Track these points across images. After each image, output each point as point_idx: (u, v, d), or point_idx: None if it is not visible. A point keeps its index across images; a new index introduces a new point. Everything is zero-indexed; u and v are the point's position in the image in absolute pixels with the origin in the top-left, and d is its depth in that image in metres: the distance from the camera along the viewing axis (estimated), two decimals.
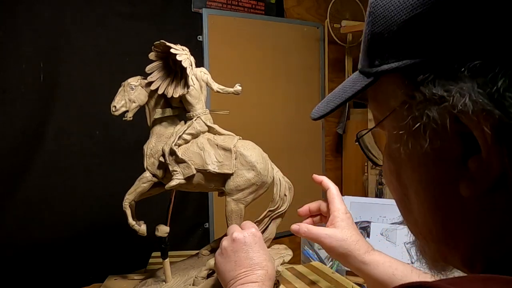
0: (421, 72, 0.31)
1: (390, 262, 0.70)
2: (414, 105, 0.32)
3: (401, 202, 0.38)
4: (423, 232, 0.37)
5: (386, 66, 0.33)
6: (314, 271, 1.04)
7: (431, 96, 0.30)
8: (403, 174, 0.36)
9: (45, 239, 1.31)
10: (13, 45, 1.26)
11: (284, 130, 1.96)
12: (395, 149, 0.35)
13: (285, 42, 1.93)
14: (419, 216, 0.36)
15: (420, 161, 0.33)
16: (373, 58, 0.35)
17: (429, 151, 0.31)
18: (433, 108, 0.30)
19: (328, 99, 0.43)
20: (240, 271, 0.66)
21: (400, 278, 0.68)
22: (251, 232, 0.71)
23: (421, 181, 0.34)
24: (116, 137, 1.44)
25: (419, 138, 0.32)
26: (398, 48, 0.32)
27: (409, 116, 0.32)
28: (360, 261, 0.70)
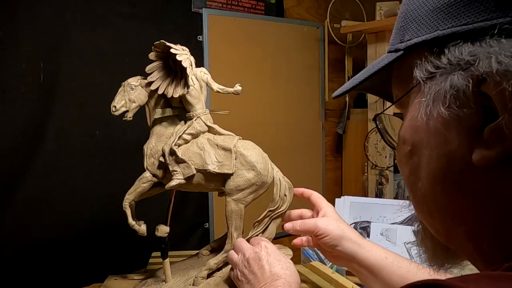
0: (450, 41, 0.32)
1: (382, 248, 0.73)
2: (439, 73, 0.32)
3: (411, 175, 0.38)
4: (431, 206, 0.37)
5: (416, 40, 0.35)
6: (314, 271, 1.04)
7: (457, 62, 0.31)
8: (417, 144, 0.36)
9: (45, 239, 1.31)
10: (13, 45, 1.26)
11: (284, 130, 1.96)
12: (412, 118, 0.36)
13: (285, 42, 1.93)
14: (427, 188, 0.36)
15: (436, 127, 0.33)
16: (404, 34, 0.37)
17: (447, 116, 0.32)
18: (458, 74, 0.31)
19: (352, 79, 0.44)
20: (259, 287, 0.66)
21: (391, 261, 0.71)
22: (262, 246, 0.72)
23: (434, 149, 0.34)
24: (116, 137, 1.43)
25: (439, 103, 0.32)
26: (430, 22, 0.34)
27: (434, 84, 0.33)
28: (356, 242, 0.73)
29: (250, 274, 0.69)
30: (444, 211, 0.36)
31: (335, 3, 2.04)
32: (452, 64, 0.31)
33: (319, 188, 2.13)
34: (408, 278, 0.68)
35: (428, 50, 0.34)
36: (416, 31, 0.35)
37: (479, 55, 0.30)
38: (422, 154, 0.36)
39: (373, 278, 0.71)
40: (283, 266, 0.68)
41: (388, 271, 0.70)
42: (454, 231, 0.36)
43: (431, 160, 0.35)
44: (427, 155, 0.35)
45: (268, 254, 0.70)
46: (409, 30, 0.36)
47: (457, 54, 0.31)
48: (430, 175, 0.35)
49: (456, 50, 0.31)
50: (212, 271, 0.85)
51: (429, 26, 0.34)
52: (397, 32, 0.38)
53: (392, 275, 0.69)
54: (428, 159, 0.35)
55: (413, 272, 0.69)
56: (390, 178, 1.92)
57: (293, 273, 0.68)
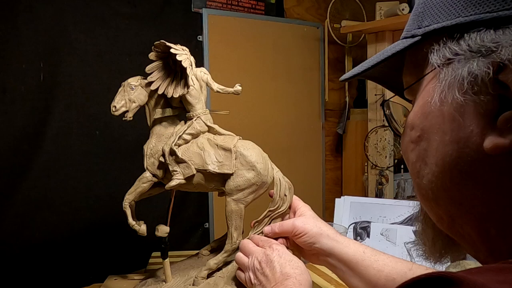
0: (472, 28, 0.31)
1: (359, 243, 0.75)
2: (457, 59, 0.32)
3: (418, 161, 0.38)
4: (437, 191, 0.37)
5: (436, 25, 0.34)
6: (314, 271, 1.04)
7: (478, 49, 0.31)
8: (427, 129, 0.36)
9: (45, 239, 1.31)
10: (13, 45, 1.26)
11: (284, 130, 1.96)
12: (424, 103, 0.36)
13: (285, 42, 1.93)
14: (435, 174, 0.36)
15: (450, 113, 0.33)
16: (423, 20, 0.36)
17: (462, 102, 0.32)
18: (478, 60, 0.31)
19: (363, 63, 0.43)
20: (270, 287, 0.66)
21: (369, 255, 0.72)
22: (273, 248, 0.72)
23: (445, 135, 0.34)
24: (116, 137, 1.43)
25: (455, 89, 0.32)
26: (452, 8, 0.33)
27: (451, 70, 0.33)
28: (333, 238, 0.74)
29: (262, 276, 0.69)
30: (450, 198, 0.36)
31: (335, 3, 2.04)
32: (472, 51, 0.31)
33: (319, 188, 2.13)
34: (384, 271, 0.69)
35: (447, 36, 0.34)
36: (436, 17, 0.35)
37: (502, 42, 0.30)
38: (432, 140, 0.36)
39: (351, 273, 0.72)
40: (293, 266, 0.68)
41: (365, 265, 0.70)
42: (459, 219, 0.36)
43: (442, 145, 0.35)
44: (437, 141, 0.35)
45: (280, 256, 0.70)
46: (428, 16, 0.36)
47: (479, 40, 0.31)
48: (439, 160, 0.35)
49: (478, 37, 0.31)
50: (212, 271, 0.85)
51: (450, 12, 0.33)
52: (414, 18, 0.38)
53: (369, 268, 0.70)
54: (438, 145, 0.35)
55: (390, 265, 0.69)
56: (390, 178, 1.92)
57: (304, 272, 0.68)
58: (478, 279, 0.26)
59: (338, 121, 2.19)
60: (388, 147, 1.89)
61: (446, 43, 0.33)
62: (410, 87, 0.39)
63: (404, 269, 0.68)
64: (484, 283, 0.25)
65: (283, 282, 0.65)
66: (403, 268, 0.69)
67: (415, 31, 0.37)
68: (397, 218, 1.35)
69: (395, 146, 1.89)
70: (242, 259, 0.76)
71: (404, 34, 0.39)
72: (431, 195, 0.38)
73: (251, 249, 0.75)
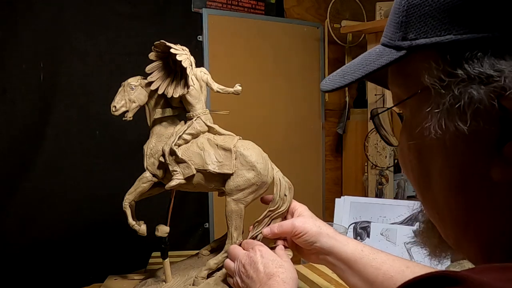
0: (467, 49, 0.29)
1: (358, 242, 0.75)
2: (453, 83, 0.30)
3: (419, 181, 0.37)
4: (443, 213, 0.36)
5: (424, 41, 0.32)
6: (314, 271, 1.04)
7: (476, 75, 0.29)
8: (427, 152, 0.35)
9: (45, 239, 1.31)
10: (13, 45, 1.26)
11: (284, 130, 1.95)
12: (422, 128, 0.33)
13: (285, 42, 1.93)
14: (440, 197, 0.35)
15: (452, 141, 0.32)
16: (407, 31, 0.33)
17: (465, 131, 0.30)
18: (479, 88, 0.29)
19: (344, 71, 0.40)
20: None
21: (367, 253, 0.72)
22: (256, 250, 0.72)
23: (449, 161, 0.33)
24: (116, 137, 1.43)
25: (456, 118, 0.30)
26: (441, 22, 0.31)
27: (448, 95, 0.31)
28: (332, 237, 0.74)
29: (247, 279, 0.69)
30: (457, 222, 0.35)
31: (335, 3, 2.04)
32: (470, 76, 0.29)
33: (319, 188, 2.13)
34: (382, 269, 0.69)
35: (438, 54, 0.31)
36: (423, 30, 0.32)
37: (504, 70, 0.28)
38: (433, 164, 0.34)
39: (350, 271, 0.72)
40: (276, 265, 0.68)
41: (364, 263, 0.71)
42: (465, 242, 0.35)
43: (446, 173, 0.33)
44: (440, 166, 0.34)
45: (262, 257, 0.70)
46: (414, 27, 0.33)
47: (477, 66, 0.29)
48: (444, 187, 0.34)
49: (476, 61, 0.29)
50: (212, 271, 0.85)
51: (440, 26, 0.31)
52: (397, 26, 0.34)
53: (368, 266, 0.70)
54: (441, 172, 0.34)
55: (388, 263, 0.70)
56: (390, 178, 1.92)
57: (288, 270, 0.68)
58: (482, 278, 0.26)
59: (338, 121, 2.19)
60: (388, 147, 1.89)
61: (438, 62, 0.31)
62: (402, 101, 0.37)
63: (401, 266, 0.69)
64: (488, 281, 0.25)
65: (267, 282, 0.65)
66: (400, 266, 0.69)
67: (399, 43, 0.34)
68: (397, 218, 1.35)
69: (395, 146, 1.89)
70: (229, 265, 0.77)
71: (386, 41, 0.36)
72: (437, 216, 0.37)
73: (236, 253, 0.76)
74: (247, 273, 0.70)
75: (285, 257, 0.73)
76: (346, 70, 0.40)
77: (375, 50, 0.38)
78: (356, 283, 0.72)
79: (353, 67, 0.40)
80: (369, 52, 0.39)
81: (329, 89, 0.41)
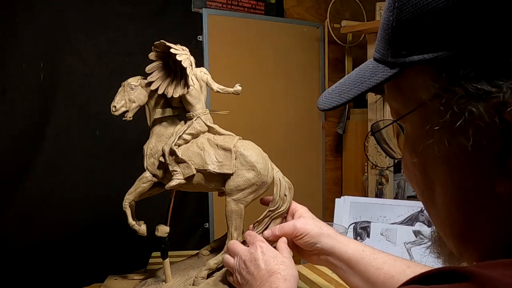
0: (462, 66, 0.29)
1: (358, 242, 0.76)
2: (451, 100, 0.30)
3: (424, 194, 0.37)
4: (444, 225, 0.36)
5: (417, 57, 0.31)
6: (314, 271, 1.04)
7: (475, 92, 0.29)
8: (431, 167, 0.35)
9: (45, 239, 1.31)
10: (13, 45, 1.26)
11: (284, 130, 1.95)
12: (426, 145, 0.33)
13: (285, 42, 1.93)
14: (443, 210, 0.35)
15: (455, 157, 0.32)
16: (399, 48, 0.33)
17: (467, 147, 0.30)
18: (478, 105, 0.29)
19: (340, 90, 0.40)
20: (255, 286, 0.67)
21: (368, 254, 0.72)
22: (257, 246, 0.72)
23: (452, 175, 0.33)
24: (116, 137, 1.43)
25: (459, 135, 0.30)
26: (433, 38, 0.30)
27: (447, 112, 0.30)
28: (334, 238, 0.75)
29: (248, 275, 0.69)
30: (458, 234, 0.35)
31: (335, 3, 2.04)
32: (469, 93, 0.29)
33: (319, 188, 2.13)
34: (383, 268, 0.69)
35: (433, 69, 0.31)
36: (416, 47, 0.31)
37: (503, 86, 0.28)
38: (437, 179, 0.35)
39: (351, 272, 0.72)
40: (277, 262, 0.68)
41: (365, 263, 0.71)
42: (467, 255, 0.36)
43: (449, 186, 0.34)
44: (443, 181, 0.34)
45: (263, 253, 0.70)
46: (405, 43, 0.32)
47: (474, 82, 0.29)
48: (447, 200, 0.34)
49: (472, 78, 0.29)
50: (212, 271, 0.85)
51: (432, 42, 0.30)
52: (387, 42, 0.34)
53: (369, 266, 0.70)
54: (445, 185, 0.34)
55: (389, 263, 0.70)
56: (390, 178, 1.92)
57: (289, 267, 0.68)
58: (491, 273, 0.26)
59: (338, 121, 2.19)
60: None
61: (434, 78, 0.31)
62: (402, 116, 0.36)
63: (402, 266, 0.69)
64: (497, 276, 0.25)
65: (268, 279, 0.65)
66: (401, 266, 0.69)
67: (392, 59, 0.34)
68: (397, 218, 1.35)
69: None
70: (228, 261, 0.77)
71: (378, 57, 0.36)
72: (440, 227, 0.38)
73: (236, 249, 0.75)
74: (248, 269, 0.69)
75: (286, 253, 0.73)
76: (342, 88, 0.40)
77: (368, 66, 0.38)
78: (357, 284, 0.72)
79: (349, 84, 0.39)
80: (363, 68, 0.39)
81: (326, 108, 0.41)
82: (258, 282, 0.66)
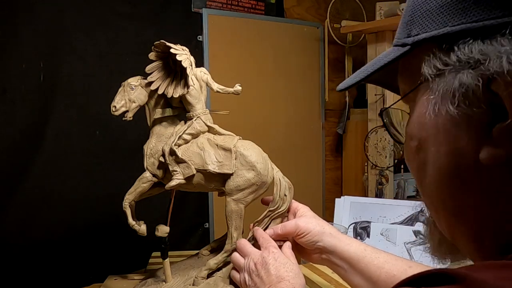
0: (460, 38, 0.31)
1: (360, 242, 0.76)
2: (447, 71, 0.32)
3: (418, 175, 0.39)
4: (436, 202, 0.37)
5: (425, 35, 0.34)
6: (314, 271, 1.04)
7: (466, 60, 0.31)
8: (423, 143, 0.36)
9: (45, 239, 1.31)
10: (13, 45, 1.26)
11: (284, 130, 1.95)
12: (420, 116, 0.36)
13: (285, 42, 1.93)
14: (434, 185, 0.36)
15: (444, 125, 0.33)
16: (411, 29, 0.36)
17: (455, 115, 0.32)
18: (467, 72, 0.31)
19: (357, 73, 0.43)
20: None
21: (370, 253, 0.73)
22: (269, 251, 0.72)
23: (442, 146, 0.34)
24: (116, 137, 1.43)
25: (447, 102, 0.32)
26: (439, 17, 0.33)
27: (442, 82, 0.33)
28: (335, 236, 0.75)
29: (257, 278, 0.70)
30: (448, 209, 0.36)
31: (335, 3, 2.04)
32: (461, 62, 0.31)
33: (319, 188, 2.13)
34: (385, 268, 0.70)
35: (437, 46, 0.33)
36: (425, 26, 0.34)
37: (489, 54, 0.29)
38: (429, 151, 0.36)
39: (352, 271, 0.72)
40: (287, 269, 0.69)
41: (366, 262, 0.71)
42: (456, 229, 0.36)
43: (438, 157, 0.35)
44: (434, 152, 0.35)
45: (275, 260, 0.71)
46: (417, 24, 0.35)
47: (467, 52, 0.31)
48: (436, 171, 0.35)
49: (466, 48, 0.31)
50: (212, 271, 0.85)
51: (438, 21, 0.33)
52: (404, 26, 0.37)
53: (371, 265, 0.71)
54: (435, 156, 0.35)
55: (391, 262, 0.70)
56: (390, 178, 1.92)
57: (297, 275, 0.69)
58: (481, 276, 0.26)
59: (338, 121, 2.19)
60: (388, 147, 1.89)
61: (436, 53, 0.33)
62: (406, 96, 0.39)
63: (404, 266, 0.69)
64: (486, 279, 0.26)
65: (277, 285, 0.66)
66: (403, 265, 0.69)
67: (405, 40, 0.37)
68: (397, 218, 1.35)
69: (395, 146, 1.89)
70: (238, 260, 0.77)
71: (395, 41, 0.39)
72: (433, 207, 0.38)
73: (248, 250, 0.76)
74: (258, 272, 0.70)
75: (293, 259, 0.74)
76: (359, 71, 0.43)
77: (386, 51, 0.41)
78: (358, 283, 0.72)
79: (365, 67, 0.42)
80: (381, 54, 0.42)
81: (342, 87, 0.45)
82: (266, 286, 0.67)
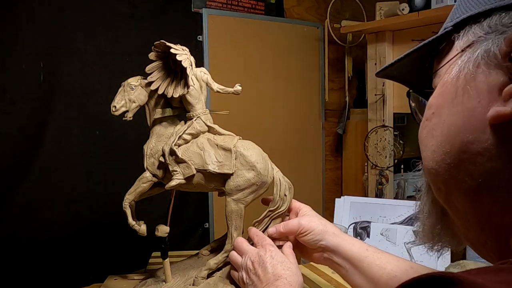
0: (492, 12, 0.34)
1: (362, 242, 0.76)
2: (478, 41, 0.35)
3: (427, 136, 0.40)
4: (438, 160, 0.38)
5: (463, 16, 0.37)
6: (314, 271, 1.04)
7: (495, 29, 0.33)
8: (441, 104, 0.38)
9: (45, 239, 1.31)
10: (13, 45, 1.26)
11: (284, 130, 1.96)
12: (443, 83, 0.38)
13: (285, 42, 1.93)
14: (439, 142, 0.37)
15: (462, 86, 0.35)
16: (455, 14, 0.39)
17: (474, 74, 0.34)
18: (494, 37, 0.33)
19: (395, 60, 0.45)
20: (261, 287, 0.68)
21: (372, 253, 0.73)
22: (266, 249, 0.73)
23: (454, 106, 0.36)
24: (116, 137, 1.43)
25: (470, 64, 0.35)
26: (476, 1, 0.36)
27: (470, 51, 0.35)
28: (338, 235, 0.75)
29: (254, 276, 0.70)
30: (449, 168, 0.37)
31: (335, 3, 2.04)
32: (491, 31, 0.34)
33: (319, 188, 2.13)
34: (387, 268, 0.70)
35: (473, 23, 0.36)
36: (466, 9, 0.37)
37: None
38: (442, 114, 0.37)
39: (354, 271, 0.72)
40: (284, 267, 0.69)
41: (368, 262, 0.71)
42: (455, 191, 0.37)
43: (449, 116, 0.36)
44: (446, 113, 0.37)
45: (272, 258, 0.71)
46: (459, 10, 0.38)
47: (498, 22, 0.33)
48: (444, 130, 0.37)
49: (498, 19, 0.33)
50: (212, 271, 0.85)
51: (476, 4, 0.36)
52: (449, 16, 0.40)
53: (372, 265, 0.71)
54: (446, 117, 0.37)
55: (393, 263, 0.70)
56: (390, 178, 1.92)
57: (295, 273, 0.69)
58: (478, 280, 0.26)
59: (338, 121, 2.19)
60: (388, 147, 1.89)
61: (471, 28, 0.36)
62: (437, 72, 0.40)
63: (406, 266, 0.69)
64: (484, 283, 0.26)
65: (274, 282, 0.66)
66: (405, 266, 0.69)
67: (446, 25, 0.40)
68: (397, 218, 1.35)
69: (395, 146, 1.89)
70: (236, 258, 0.77)
71: (440, 31, 0.41)
72: (433, 165, 0.39)
73: (245, 249, 0.76)
74: (255, 270, 0.70)
75: (292, 258, 0.74)
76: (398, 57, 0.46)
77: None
78: (359, 282, 0.72)
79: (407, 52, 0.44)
80: None
81: (380, 69, 0.47)
82: (263, 285, 0.67)
